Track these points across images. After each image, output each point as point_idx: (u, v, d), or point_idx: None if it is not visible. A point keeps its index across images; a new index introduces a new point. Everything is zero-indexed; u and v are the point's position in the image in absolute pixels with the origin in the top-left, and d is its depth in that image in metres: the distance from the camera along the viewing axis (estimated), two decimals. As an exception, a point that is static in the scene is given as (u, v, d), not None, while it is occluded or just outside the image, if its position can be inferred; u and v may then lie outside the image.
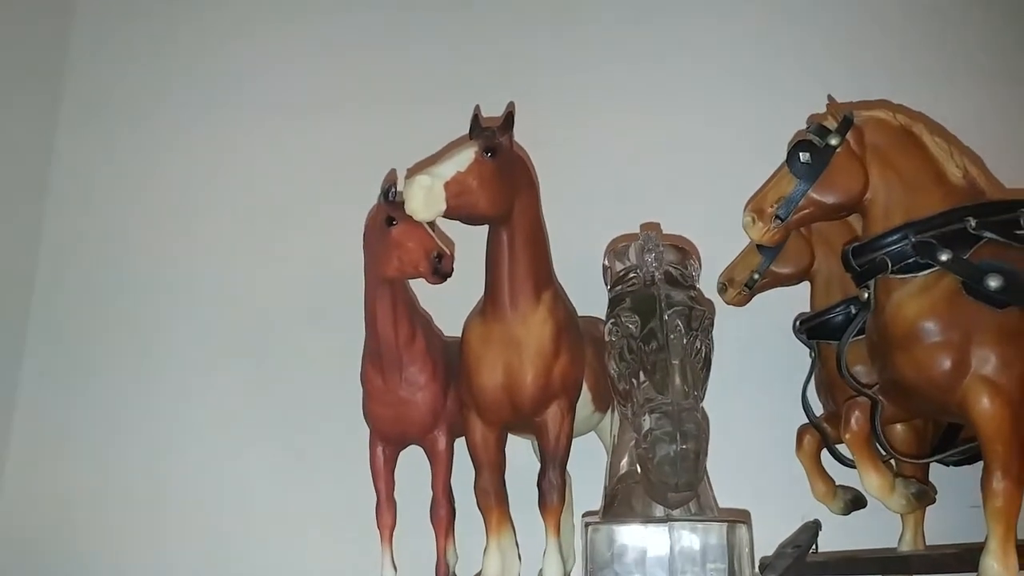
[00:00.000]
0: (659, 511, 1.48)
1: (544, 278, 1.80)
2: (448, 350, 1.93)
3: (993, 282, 1.50)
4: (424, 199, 1.59)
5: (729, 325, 2.21)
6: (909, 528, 1.89)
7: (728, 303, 2.17)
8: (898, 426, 1.87)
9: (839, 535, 1.95)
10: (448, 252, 1.72)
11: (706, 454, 1.43)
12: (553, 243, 1.91)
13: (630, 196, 2.38)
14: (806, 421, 1.97)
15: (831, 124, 1.68)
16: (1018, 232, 1.57)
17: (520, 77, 2.48)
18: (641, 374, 1.49)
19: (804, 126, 1.72)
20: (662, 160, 2.44)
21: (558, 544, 1.72)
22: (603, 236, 2.19)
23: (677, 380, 1.45)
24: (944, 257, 1.54)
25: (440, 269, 1.70)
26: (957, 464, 1.92)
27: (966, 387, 1.49)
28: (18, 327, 2.56)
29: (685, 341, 1.49)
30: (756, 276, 2.13)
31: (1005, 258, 1.53)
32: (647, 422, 1.41)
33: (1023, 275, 1.51)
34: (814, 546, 1.90)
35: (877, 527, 1.93)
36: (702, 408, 1.49)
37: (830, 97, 1.77)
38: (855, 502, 1.95)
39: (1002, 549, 1.45)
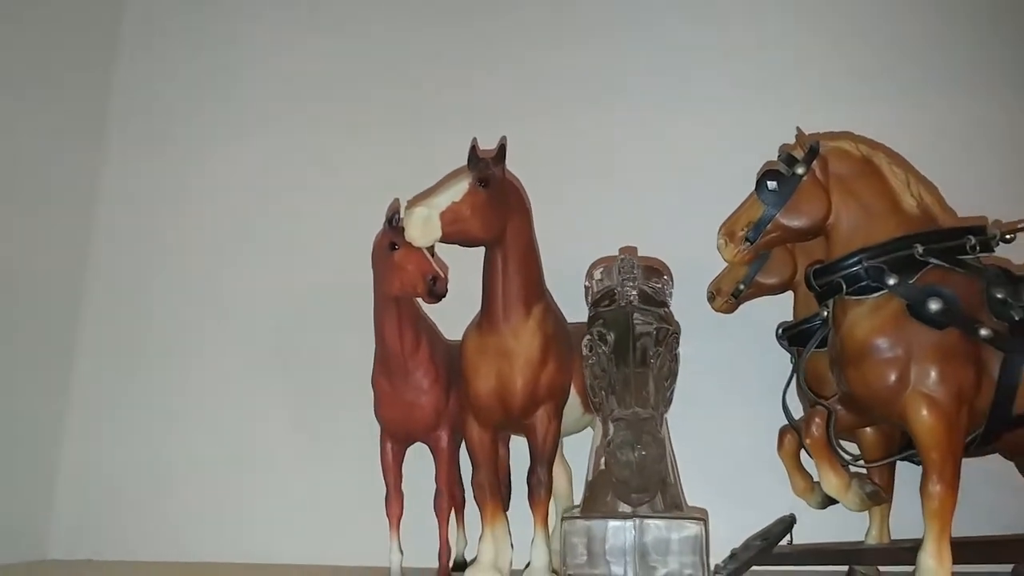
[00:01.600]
0: (628, 508, 1.66)
1: (535, 294, 1.97)
2: (452, 355, 2.12)
3: (934, 305, 1.63)
4: (421, 228, 1.78)
5: (720, 332, 2.40)
6: (875, 524, 2.05)
7: (716, 311, 2.33)
8: (868, 430, 2.01)
9: (823, 527, 2.08)
10: (443, 275, 1.91)
11: (662, 460, 1.60)
12: (551, 257, 2.09)
13: (625, 215, 2.55)
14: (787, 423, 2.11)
15: (798, 154, 1.81)
16: (962, 257, 1.70)
17: (521, 107, 2.68)
18: (610, 388, 1.66)
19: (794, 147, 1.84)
20: (658, 182, 2.61)
21: (546, 534, 1.91)
22: (597, 251, 2.36)
23: (640, 394, 1.63)
24: (891, 281, 1.67)
25: (435, 290, 1.90)
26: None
27: (906, 400, 1.63)
28: (70, 323, 2.84)
29: (650, 358, 1.66)
30: (741, 287, 2.29)
31: (948, 282, 1.67)
32: (611, 431, 1.59)
33: (961, 300, 1.64)
34: (789, 538, 2.05)
35: (859, 521, 2.08)
36: (664, 419, 1.66)
37: (799, 129, 1.89)
38: (831, 497, 2.10)
39: (936, 546, 1.60)
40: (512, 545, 2.02)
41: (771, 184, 1.79)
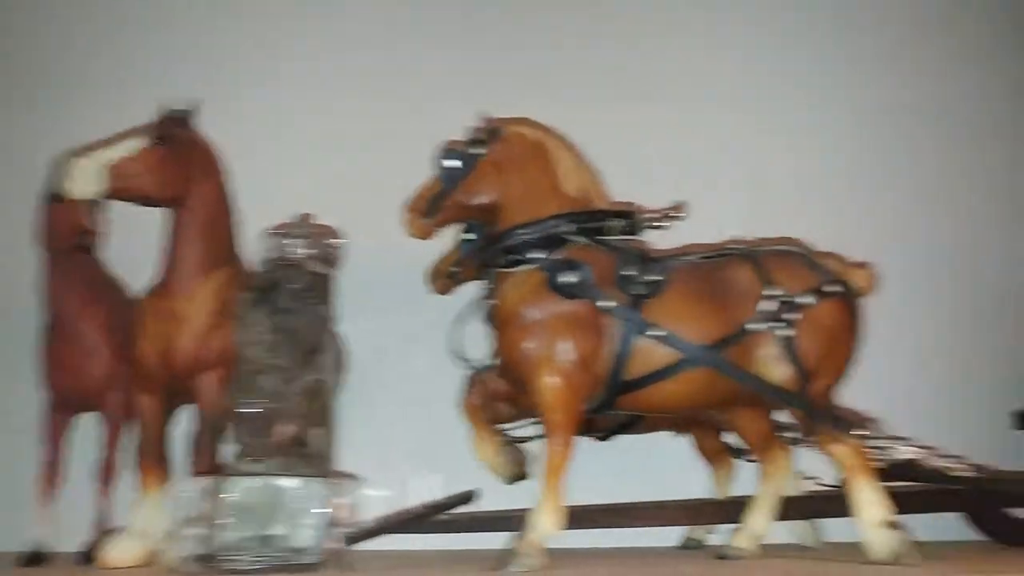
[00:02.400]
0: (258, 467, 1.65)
1: (220, 260, 1.94)
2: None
3: (567, 278, 1.74)
4: (81, 179, 1.74)
5: (444, 313, 2.47)
6: None
7: (437, 292, 2.39)
8: None
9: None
10: (94, 230, 1.86)
11: (280, 414, 1.62)
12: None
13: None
14: None
15: (479, 135, 1.90)
16: (604, 237, 1.83)
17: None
18: (251, 345, 1.67)
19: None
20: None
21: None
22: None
23: (272, 349, 1.65)
24: (536, 255, 1.78)
25: (83, 243, 1.85)
26: (603, 439, 2.22)
27: (536, 365, 1.73)
28: None
29: (291, 315, 1.68)
30: (454, 270, 2.36)
31: (589, 258, 1.78)
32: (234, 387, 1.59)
33: (595, 274, 1.76)
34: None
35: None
36: (299, 374, 1.68)
37: (486, 113, 1.95)
38: (519, 475, 2.17)
39: (549, 503, 1.69)
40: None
41: (448, 163, 1.87)
